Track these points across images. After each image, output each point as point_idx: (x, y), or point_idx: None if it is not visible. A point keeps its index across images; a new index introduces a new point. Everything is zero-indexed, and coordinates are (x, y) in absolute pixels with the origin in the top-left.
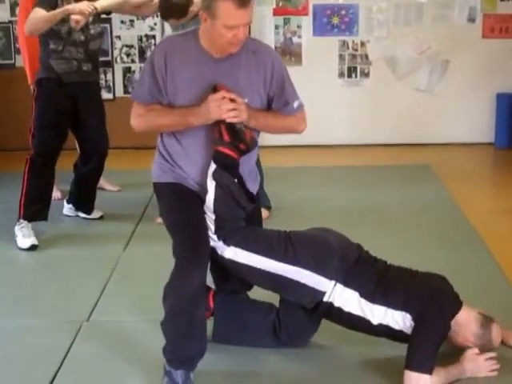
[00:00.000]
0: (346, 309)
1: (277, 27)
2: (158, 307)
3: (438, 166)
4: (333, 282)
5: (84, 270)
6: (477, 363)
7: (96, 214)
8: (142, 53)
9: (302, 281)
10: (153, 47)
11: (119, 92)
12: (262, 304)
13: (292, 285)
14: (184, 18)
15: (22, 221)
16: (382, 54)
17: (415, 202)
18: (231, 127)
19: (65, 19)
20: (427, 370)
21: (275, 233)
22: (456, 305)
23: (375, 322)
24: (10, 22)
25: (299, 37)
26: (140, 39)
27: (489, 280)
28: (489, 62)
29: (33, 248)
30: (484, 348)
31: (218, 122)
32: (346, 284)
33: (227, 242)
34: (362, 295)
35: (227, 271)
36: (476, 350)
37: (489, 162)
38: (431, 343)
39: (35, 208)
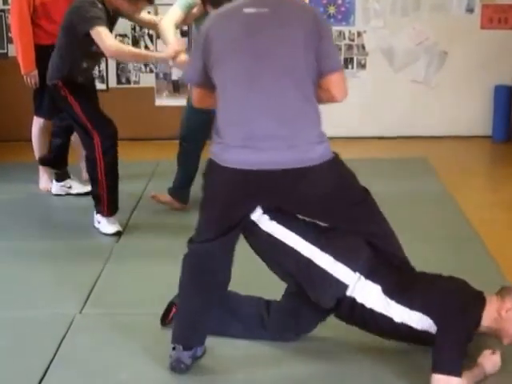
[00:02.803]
0: (369, 305)
1: None
2: (153, 300)
3: (435, 159)
4: (357, 275)
5: (76, 262)
6: (495, 362)
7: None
8: (135, 42)
9: (328, 269)
10: (146, 37)
11: (112, 82)
12: (252, 296)
13: (317, 272)
14: None
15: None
16: (379, 45)
17: (411, 195)
18: None
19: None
20: (457, 372)
21: (307, 221)
22: (479, 302)
23: (398, 319)
24: (3, 10)
25: None
26: (133, 28)
27: (484, 274)
28: (487, 53)
29: (118, 234)
30: None
31: None
32: (369, 277)
33: (270, 215)
34: (384, 291)
35: (255, 247)
36: (491, 350)
37: (486, 155)
38: (457, 343)
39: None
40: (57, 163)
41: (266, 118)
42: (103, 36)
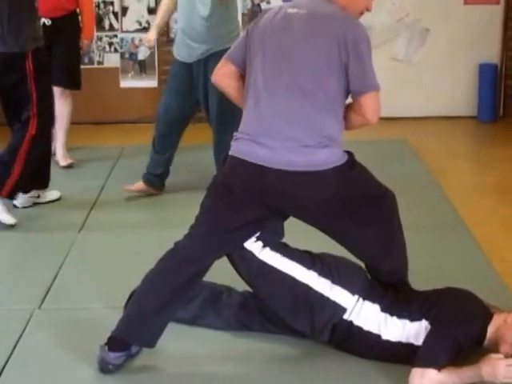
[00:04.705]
0: (366, 327)
1: None
2: (115, 293)
3: (417, 140)
4: (356, 297)
5: (36, 254)
6: (495, 368)
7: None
8: (99, 20)
9: (326, 294)
10: (111, 15)
11: None
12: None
13: (314, 297)
14: None
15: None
16: None
17: (391, 179)
18: None
19: None
20: (434, 365)
21: (301, 249)
22: (486, 314)
23: (394, 339)
24: None
25: (268, 2)
26: (97, 6)
27: (469, 263)
28: (471, 30)
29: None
30: None
31: None
32: (367, 298)
33: (264, 243)
34: (382, 309)
35: (245, 276)
36: (500, 355)
37: (471, 136)
38: (445, 342)
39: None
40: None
41: (275, 118)
42: None
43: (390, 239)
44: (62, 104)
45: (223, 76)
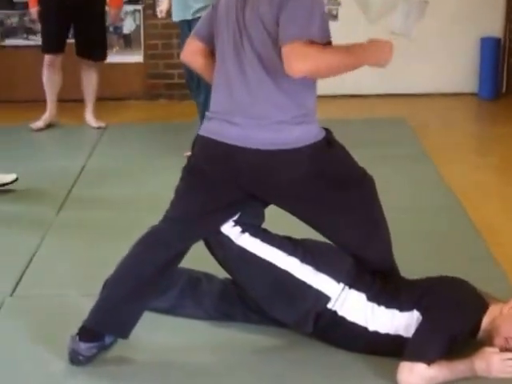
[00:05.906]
0: (350, 318)
1: None
2: (93, 280)
3: (414, 119)
4: (341, 286)
5: (9, 238)
6: (489, 362)
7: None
8: None
9: (308, 281)
10: None
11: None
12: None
13: (295, 284)
14: None
15: None
16: None
17: (387, 158)
18: None
19: None
20: (424, 359)
21: (281, 235)
22: (481, 304)
23: (382, 330)
24: None
25: None
26: None
27: (465, 246)
28: (472, 2)
29: None
30: None
31: None
32: (353, 287)
33: (242, 228)
34: (369, 298)
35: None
36: (495, 349)
37: (471, 114)
38: (434, 332)
39: None
40: None
41: (245, 95)
42: None
43: (370, 226)
44: (92, 75)
45: (191, 53)
